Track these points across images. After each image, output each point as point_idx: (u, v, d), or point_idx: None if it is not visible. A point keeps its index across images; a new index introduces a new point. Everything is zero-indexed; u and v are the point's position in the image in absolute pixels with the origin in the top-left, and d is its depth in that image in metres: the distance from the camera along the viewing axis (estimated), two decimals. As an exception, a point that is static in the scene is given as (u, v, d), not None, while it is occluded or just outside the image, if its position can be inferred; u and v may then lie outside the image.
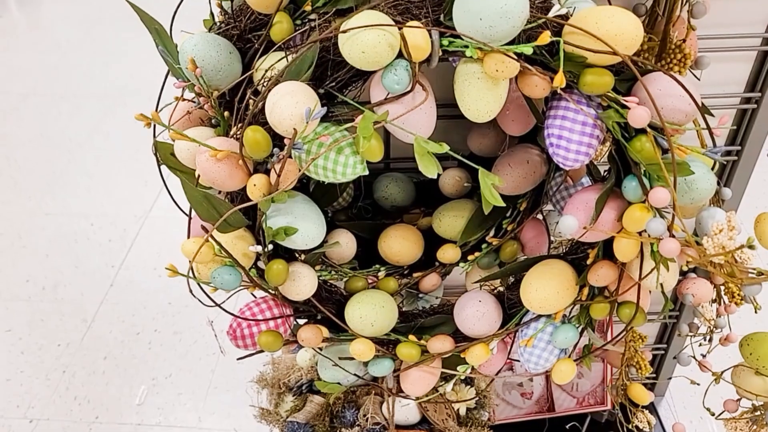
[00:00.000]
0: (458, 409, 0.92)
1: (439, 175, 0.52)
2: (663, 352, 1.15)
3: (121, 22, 2.71)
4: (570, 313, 0.68)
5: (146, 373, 1.43)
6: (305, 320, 0.70)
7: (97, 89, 2.48)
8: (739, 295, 0.78)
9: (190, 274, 0.59)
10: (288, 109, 0.50)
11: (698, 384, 0.89)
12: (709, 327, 0.86)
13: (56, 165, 2.08)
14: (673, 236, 0.55)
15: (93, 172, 2.05)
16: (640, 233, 0.58)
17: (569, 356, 0.69)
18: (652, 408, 1.26)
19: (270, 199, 0.54)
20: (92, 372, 1.44)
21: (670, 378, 1.20)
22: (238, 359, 0.69)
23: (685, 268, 0.63)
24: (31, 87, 2.52)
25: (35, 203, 1.93)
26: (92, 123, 2.28)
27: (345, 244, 0.73)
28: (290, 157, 0.54)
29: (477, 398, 0.92)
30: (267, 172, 0.56)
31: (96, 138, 2.20)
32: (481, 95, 0.53)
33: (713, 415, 0.77)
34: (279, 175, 0.53)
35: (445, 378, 0.74)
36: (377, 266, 0.77)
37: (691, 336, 0.89)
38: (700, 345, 0.87)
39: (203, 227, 0.56)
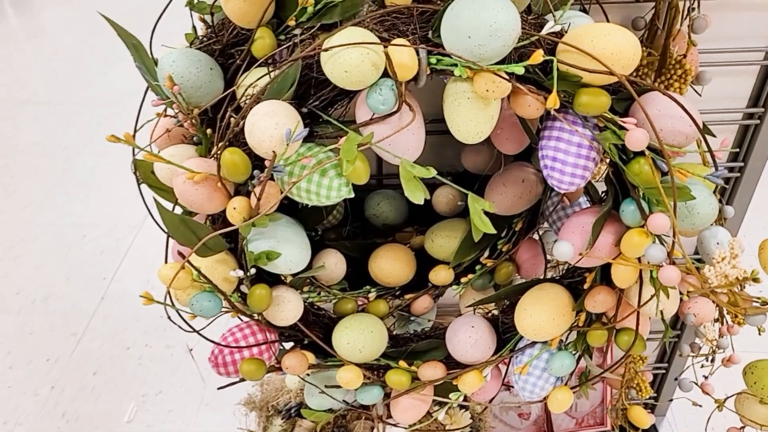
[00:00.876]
0: (452, 433, 0.89)
1: (430, 195, 0.50)
2: (664, 371, 1.12)
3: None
4: (566, 339, 0.65)
5: (136, 388, 1.40)
6: (292, 344, 0.68)
7: (95, 96, 2.45)
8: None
9: (168, 301, 0.56)
10: (267, 130, 0.48)
11: (701, 406, 0.86)
12: (712, 347, 0.83)
13: (53, 173, 2.05)
14: (674, 263, 0.53)
15: (90, 180, 2.02)
16: (639, 259, 0.56)
17: (566, 383, 0.67)
18: (653, 429, 1.23)
19: (251, 223, 0.52)
20: (82, 388, 1.41)
21: (671, 399, 1.17)
22: (219, 388, 0.66)
23: (686, 298, 0.60)
24: (29, 94, 2.50)
25: (29, 213, 1.90)
26: (90, 130, 2.25)
27: (334, 265, 0.70)
28: (272, 179, 0.52)
29: (472, 423, 0.89)
30: (248, 194, 0.53)
31: (94, 145, 2.17)
32: (471, 116, 0.50)
33: (716, 442, 0.74)
34: (259, 199, 0.51)
35: (438, 403, 0.71)
36: (367, 287, 0.75)
37: (692, 356, 0.86)
38: (702, 366, 0.84)
39: (180, 253, 0.54)
